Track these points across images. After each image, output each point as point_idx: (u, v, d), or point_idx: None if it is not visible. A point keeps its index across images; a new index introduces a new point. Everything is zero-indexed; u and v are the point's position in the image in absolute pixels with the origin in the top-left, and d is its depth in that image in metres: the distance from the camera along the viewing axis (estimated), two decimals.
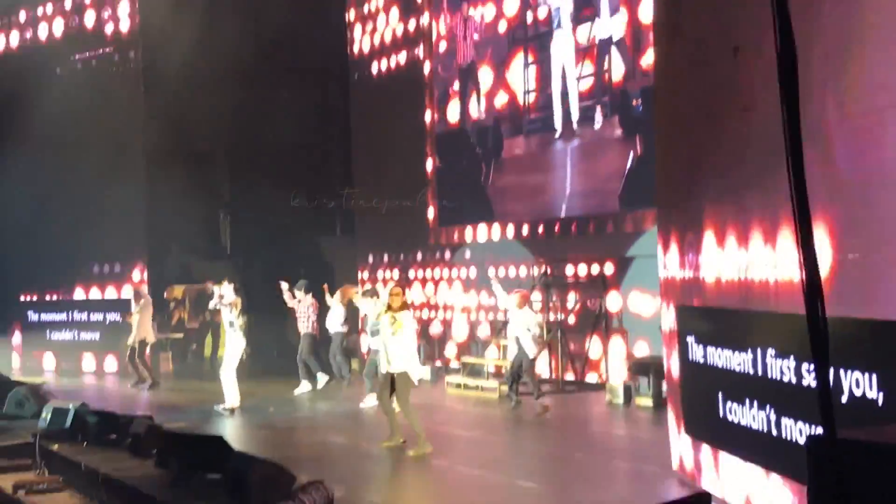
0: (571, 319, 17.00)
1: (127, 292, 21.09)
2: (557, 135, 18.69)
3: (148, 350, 18.63)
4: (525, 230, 18.65)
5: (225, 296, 14.80)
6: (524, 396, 14.37)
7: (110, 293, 21.97)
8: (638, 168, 16.31)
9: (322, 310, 17.09)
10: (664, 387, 12.38)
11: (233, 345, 14.75)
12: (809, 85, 4.27)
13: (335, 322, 16.94)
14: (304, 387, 16.77)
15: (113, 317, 21.61)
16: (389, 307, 11.49)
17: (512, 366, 14.44)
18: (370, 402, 14.64)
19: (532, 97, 19.39)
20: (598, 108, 17.76)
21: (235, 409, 14.58)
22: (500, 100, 19.84)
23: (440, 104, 21.06)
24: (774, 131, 4.01)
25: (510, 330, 14.48)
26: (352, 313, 17.78)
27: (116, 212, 21.16)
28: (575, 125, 18.34)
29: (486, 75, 20.20)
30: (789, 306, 6.74)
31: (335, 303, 16.93)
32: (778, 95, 3.88)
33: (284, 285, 16.92)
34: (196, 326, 21.43)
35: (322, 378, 16.60)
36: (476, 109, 20.45)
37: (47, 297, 22.65)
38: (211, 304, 15.53)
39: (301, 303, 16.93)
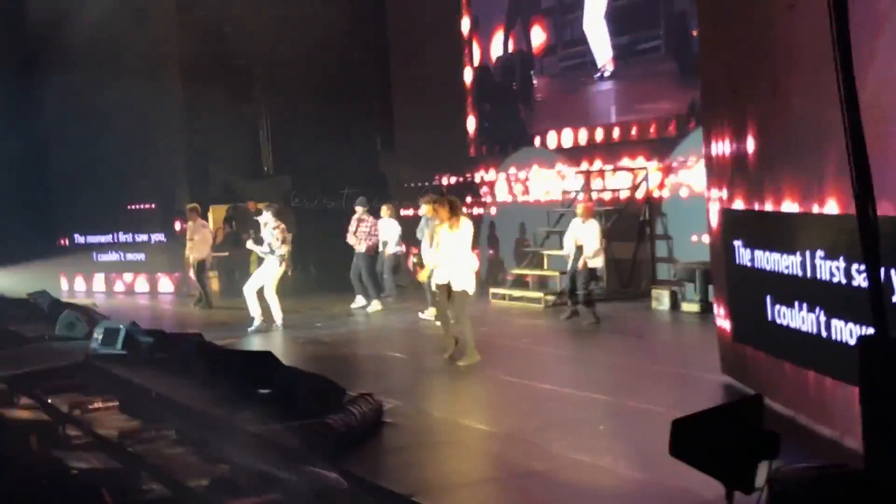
0: (617, 225, 16.87)
1: (166, 213, 21.37)
2: (598, 74, 17.53)
3: (206, 270, 18.74)
4: (567, 139, 18.40)
5: (268, 223, 14.72)
6: (576, 306, 14.24)
7: (154, 213, 22.14)
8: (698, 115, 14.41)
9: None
10: (710, 291, 12.32)
11: (268, 267, 14.72)
12: None
13: (392, 238, 16.82)
14: (360, 301, 16.81)
15: (158, 237, 21.82)
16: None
17: (571, 277, 14.21)
18: (429, 313, 14.69)
19: (568, 28, 18.26)
20: (648, 41, 16.40)
21: (269, 324, 14.67)
22: (532, 32, 19.01)
23: (478, 29, 20.68)
24: (821, 28, 3.90)
25: (573, 241, 14.18)
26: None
27: (155, 132, 21.19)
28: (614, 63, 16.99)
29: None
30: (838, 207, 6.64)
31: (387, 218, 16.85)
32: None
33: (359, 209, 16.83)
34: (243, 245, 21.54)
35: (375, 304, 16.59)
36: (501, 45, 19.76)
37: (93, 220, 22.85)
38: (261, 251, 15.18)
39: (361, 220, 16.82)
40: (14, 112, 21.46)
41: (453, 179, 21.30)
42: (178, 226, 19.79)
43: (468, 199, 20.54)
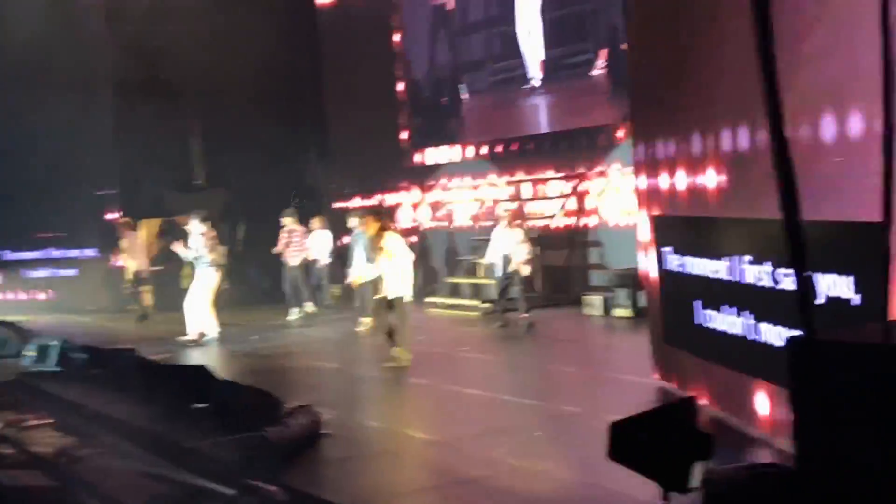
0: (548, 233, 17.02)
1: (96, 228, 21.14)
2: (528, 87, 17.38)
3: (142, 282, 18.57)
4: (499, 147, 18.48)
5: (193, 231, 14.67)
6: (508, 313, 14.46)
7: (85, 228, 21.86)
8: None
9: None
10: (642, 297, 12.48)
11: (205, 279, 14.64)
12: None
13: (324, 250, 16.74)
14: (296, 313, 16.77)
15: (89, 252, 21.54)
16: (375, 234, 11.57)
17: (499, 285, 14.49)
18: (363, 325, 14.79)
19: (497, 41, 18.11)
20: (582, 54, 16.19)
21: (202, 338, 14.56)
22: (459, 44, 18.91)
23: (408, 42, 20.66)
24: (745, 38, 4.00)
25: (499, 249, 14.40)
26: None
27: (86, 146, 20.93)
28: (542, 78, 16.84)
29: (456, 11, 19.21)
30: (764, 212, 6.78)
31: (319, 230, 16.78)
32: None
33: (288, 220, 16.76)
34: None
35: (308, 307, 16.58)
36: (430, 56, 19.64)
37: (24, 235, 22.46)
38: (188, 256, 15.03)
39: (291, 231, 16.77)
40: None
41: (386, 190, 21.32)
42: (109, 239, 19.68)
43: (401, 210, 20.58)
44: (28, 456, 8.61)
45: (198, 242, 14.53)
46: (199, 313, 14.57)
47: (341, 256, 17.64)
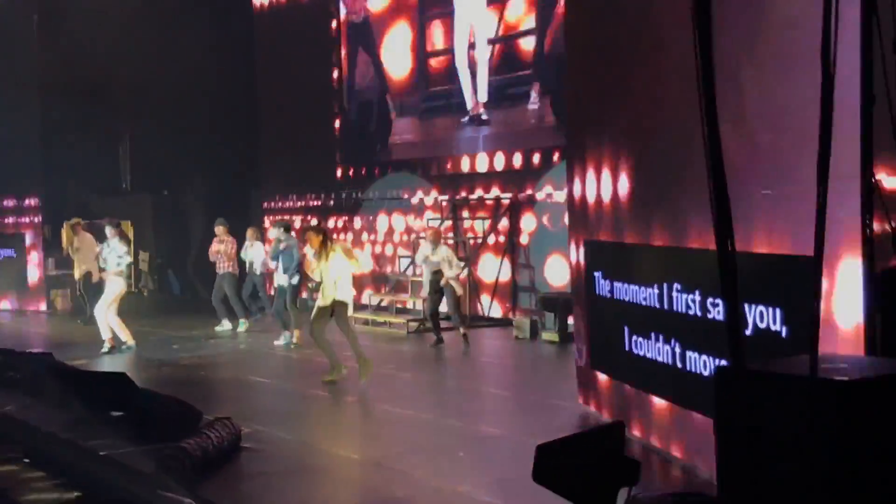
0: (479, 254, 17.04)
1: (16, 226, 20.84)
2: (466, 119, 17.19)
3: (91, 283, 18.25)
4: (433, 168, 18.43)
5: (109, 238, 14.46)
6: (445, 331, 14.43)
7: (4, 228, 21.45)
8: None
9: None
10: (570, 322, 12.51)
11: (111, 286, 14.42)
12: (723, 21, 4.28)
13: (259, 260, 16.52)
14: (226, 325, 16.51)
15: (7, 253, 21.11)
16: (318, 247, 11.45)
17: (430, 302, 14.44)
18: (284, 339, 14.64)
19: (432, 64, 17.80)
20: (521, 85, 15.96)
21: (119, 345, 14.29)
22: (391, 66, 18.71)
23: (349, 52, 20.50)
24: (687, 70, 4.02)
25: (430, 267, 14.41)
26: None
27: (10, 145, 20.52)
28: (485, 108, 16.56)
29: (377, 31, 18.92)
30: (697, 242, 6.82)
31: (252, 240, 16.57)
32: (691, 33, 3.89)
33: (220, 229, 16.49)
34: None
35: (243, 323, 16.38)
36: (361, 75, 19.39)
37: None
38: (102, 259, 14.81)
39: (223, 242, 16.53)
40: None
41: (316, 203, 21.21)
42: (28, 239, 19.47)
43: (329, 224, 20.47)
44: None
45: (116, 250, 14.31)
46: (110, 320, 14.30)
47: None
